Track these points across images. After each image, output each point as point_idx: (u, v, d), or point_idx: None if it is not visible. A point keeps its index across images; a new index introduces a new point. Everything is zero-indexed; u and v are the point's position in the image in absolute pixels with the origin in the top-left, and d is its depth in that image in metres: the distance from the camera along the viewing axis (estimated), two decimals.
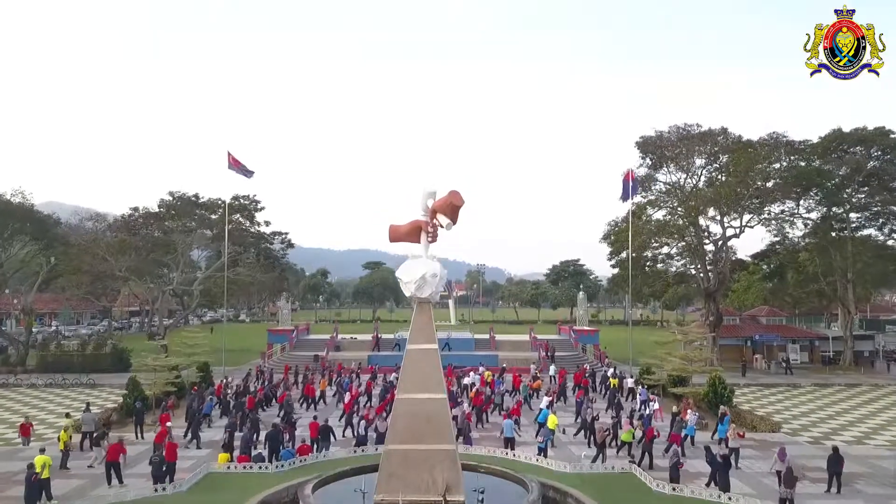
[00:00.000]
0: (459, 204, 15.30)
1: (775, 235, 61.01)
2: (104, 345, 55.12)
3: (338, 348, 57.94)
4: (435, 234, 16.01)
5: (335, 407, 37.57)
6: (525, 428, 31.94)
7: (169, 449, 23.90)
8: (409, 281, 15.77)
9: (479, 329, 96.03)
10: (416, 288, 15.82)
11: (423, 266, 15.60)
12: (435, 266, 15.69)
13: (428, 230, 15.94)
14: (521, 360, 54.99)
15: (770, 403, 41.64)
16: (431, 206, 15.56)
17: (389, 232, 15.99)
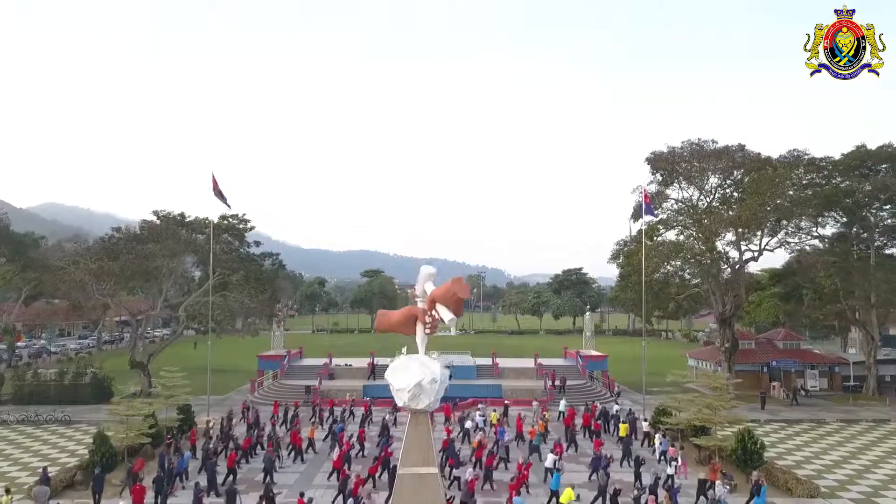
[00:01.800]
0: (464, 296, 12.26)
1: (792, 254, 57.85)
2: (84, 374, 51.86)
3: (331, 376, 54.73)
4: (434, 326, 12.95)
5: (326, 456, 34.39)
6: (535, 489, 28.82)
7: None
8: (402, 388, 12.64)
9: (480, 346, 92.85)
10: (411, 398, 12.71)
11: (420, 370, 12.43)
12: (434, 368, 12.50)
13: (425, 321, 12.82)
14: (526, 390, 51.83)
15: (797, 448, 38.48)
16: (431, 293, 12.42)
17: (378, 320, 12.81)
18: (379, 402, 49.62)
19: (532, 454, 33.82)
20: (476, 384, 52.70)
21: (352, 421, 43.16)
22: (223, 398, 54.09)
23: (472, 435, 37.72)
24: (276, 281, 60.63)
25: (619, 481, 30.05)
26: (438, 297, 12.22)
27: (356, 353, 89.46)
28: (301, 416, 43.62)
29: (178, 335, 54.68)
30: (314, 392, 50.03)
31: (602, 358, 57.93)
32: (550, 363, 58.17)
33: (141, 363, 52.95)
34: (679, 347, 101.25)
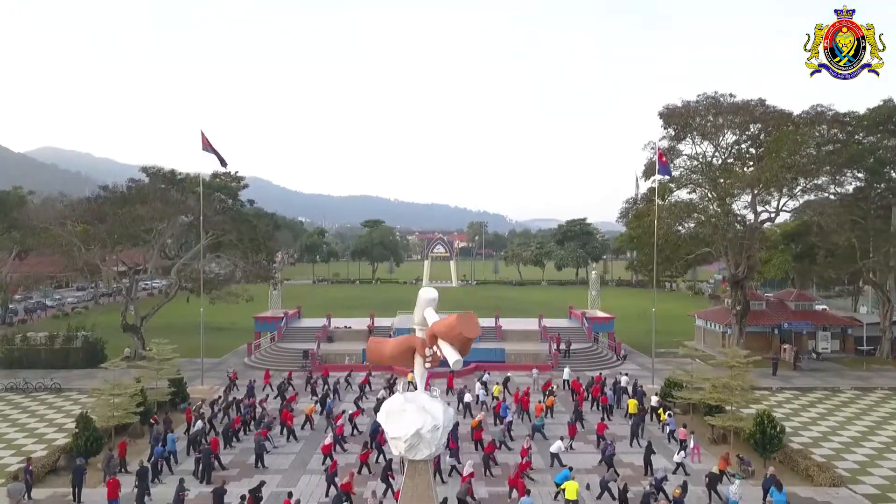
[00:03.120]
0: (472, 336, 10.19)
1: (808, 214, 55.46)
2: (74, 338, 50.32)
3: (330, 339, 53.21)
4: (435, 361, 10.94)
5: (323, 431, 32.95)
6: (540, 474, 27.34)
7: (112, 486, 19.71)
8: (398, 437, 10.66)
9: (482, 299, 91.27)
10: (408, 448, 10.74)
11: (418, 416, 10.40)
12: (436, 412, 10.44)
13: (425, 355, 10.78)
14: (530, 354, 50.34)
15: (812, 421, 36.99)
16: (432, 327, 10.33)
17: (369, 351, 10.75)
18: (378, 368, 48.33)
19: (535, 434, 32.39)
20: (478, 347, 50.98)
21: (349, 390, 41.76)
22: (219, 361, 52.69)
23: (472, 409, 36.22)
24: (271, 242, 58.41)
25: (630, 465, 28.77)
26: (441, 333, 10.11)
27: (356, 308, 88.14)
28: (296, 384, 42.25)
29: (171, 297, 52.88)
30: (312, 357, 48.55)
31: (608, 320, 56.28)
32: (555, 325, 56.57)
33: (133, 326, 51.38)
34: (684, 301, 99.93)
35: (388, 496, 24.79)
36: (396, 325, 54.58)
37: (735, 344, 52.82)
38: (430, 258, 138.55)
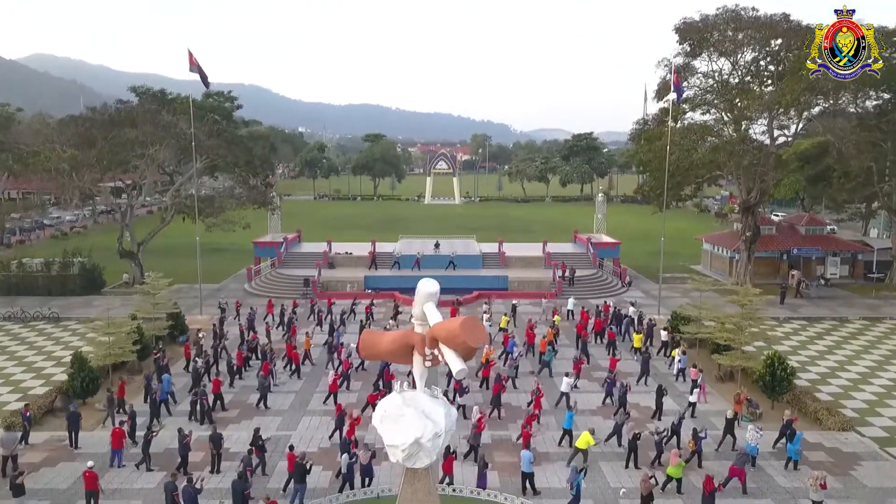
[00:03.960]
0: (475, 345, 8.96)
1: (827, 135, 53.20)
2: (71, 264, 49.49)
3: (331, 265, 52.34)
4: (435, 362, 9.79)
5: (324, 369, 32.47)
6: (546, 417, 26.88)
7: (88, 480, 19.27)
8: (397, 446, 9.62)
9: (485, 219, 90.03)
10: (407, 457, 9.72)
11: (418, 422, 9.30)
12: (437, 416, 9.32)
13: (424, 354, 9.62)
14: (534, 282, 49.55)
15: (819, 356, 36.44)
16: (433, 328, 9.09)
17: (362, 345, 9.56)
18: (382, 293, 47.74)
19: (542, 370, 31.87)
20: (481, 275, 50.39)
21: (352, 321, 41.21)
22: (217, 288, 52.12)
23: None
24: (267, 165, 56.48)
25: (636, 405, 28.30)
26: (443, 338, 8.87)
27: (357, 228, 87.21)
28: (299, 313, 41.70)
29: (167, 222, 51.68)
30: (313, 285, 47.84)
31: (614, 245, 55.18)
32: (559, 250, 55.52)
33: (130, 252, 50.45)
34: (690, 219, 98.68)
35: None
36: (398, 252, 53.58)
37: (743, 270, 52.03)
38: (432, 174, 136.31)
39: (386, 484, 20.98)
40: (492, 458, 23.19)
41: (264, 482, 21.63)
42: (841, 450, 24.40)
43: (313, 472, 22.13)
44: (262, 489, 21.10)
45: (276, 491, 20.96)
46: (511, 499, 19.56)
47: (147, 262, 53.77)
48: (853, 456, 23.87)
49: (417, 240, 60.60)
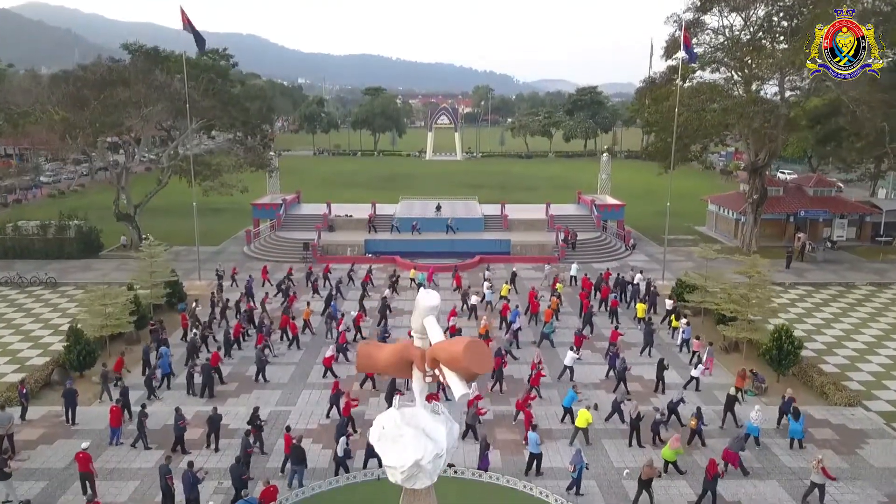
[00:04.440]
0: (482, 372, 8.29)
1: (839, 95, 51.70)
2: (68, 227, 48.79)
3: (331, 228, 51.61)
4: (435, 378, 9.17)
5: (324, 338, 32.09)
6: (547, 390, 26.54)
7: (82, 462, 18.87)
8: (395, 468, 9.05)
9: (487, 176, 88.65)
10: (406, 479, 9.17)
11: (417, 442, 8.69)
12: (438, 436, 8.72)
13: (424, 370, 8.98)
14: (536, 245, 48.87)
15: (825, 324, 35.96)
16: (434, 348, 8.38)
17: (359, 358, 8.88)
18: (382, 258, 47.17)
19: (542, 341, 31.44)
20: (484, 238, 49.68)
21: (351, 286, 40.71)
22: (216, 250, 51.49)
23: (477, 311, 35.19)
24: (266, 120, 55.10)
25: (640, 378, 27.94)
26: (444, 360, 8.12)
27: (357, 186, 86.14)
28: (297, 278, 41.17)
29: (164, 184, 50.77)
30: (313, 249, 47.20)
31: (618, 207, 54.28)
32: (562, 212, 54.65)
33: (127, 215, 49.71)
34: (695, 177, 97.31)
35: None
36: (398, 215, 52.75)
37: (749, 233, 51.28)
38: (433, 130, 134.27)
39: None
40: (493, 436, 22.93)
41: (263, 461, 21.39)
42: (847, 426, 24.07)
43: (313, 451, 21.90)
44: (262, 469, 20.88)
45: (275, 470, 20.72)
46: (514, 481, 19.28)
47: (145, 223, 53.11)
48: (860, 433, 23.55)
49: (418, 201, 59.72)
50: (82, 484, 19.15)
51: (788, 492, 19.86)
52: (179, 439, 21.68)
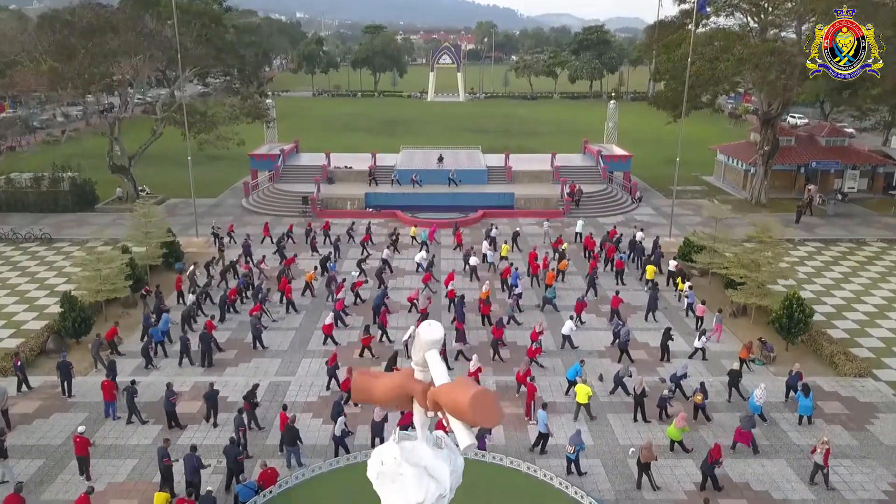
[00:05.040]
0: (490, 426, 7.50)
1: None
2: (61, 179, 47.70)
3: (330, 181, 50.45)
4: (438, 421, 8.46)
5: (325, 301, 31.49)
6: (550, 358, 26.04)
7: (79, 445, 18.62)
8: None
9: (491, 121, 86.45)
10: None
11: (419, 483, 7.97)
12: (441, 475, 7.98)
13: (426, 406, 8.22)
14: (541, 199, 47.82)
15: (835, 284, 35.23)
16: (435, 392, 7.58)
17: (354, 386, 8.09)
18: (383, 212, 46.28)
19: (545, 305, 30.82)
20: (487, 192, 48.58)
21: (352, 244, 39.91)
22: (214, 203, 50.52)
23: (478, 272, 34.43)
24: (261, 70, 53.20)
25: (645, 346, 27.40)
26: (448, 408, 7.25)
27: (357, 130, 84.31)
28: (296, 234, 40.38)
29: (158, 135, 49.39)
30: (312, 203, 46.22)
31: (625, 158, 52.89)
32: (568, 163, 53.32)
33: (122, 167, 48.55)
34: (703, 120, 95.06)
35: None
36: (399, 166, 51.48)
37: (759, 185, 50.11)
38: (435, 69, 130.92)
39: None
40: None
41: (262, 439, 21.04)
42: (857, 399, 23.65)
43: (312, 427, 21.60)
44: (261, 446, 20.59)
45: (274, 448, 20.40)
46: (517, 463, 18.93)
47: (140, 172, 52.00)
48: (869, 407, 23.14)
49: (420, 150, 58.30)
50: (80, 465, 18.88)
51: (796, 471, 19.54)
52: (171, 415, 21.31)
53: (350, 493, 17.98)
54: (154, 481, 18.61)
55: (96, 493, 18.21)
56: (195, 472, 17.82)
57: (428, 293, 30.41)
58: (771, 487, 18.79)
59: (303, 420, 21.75)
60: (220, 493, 18.21)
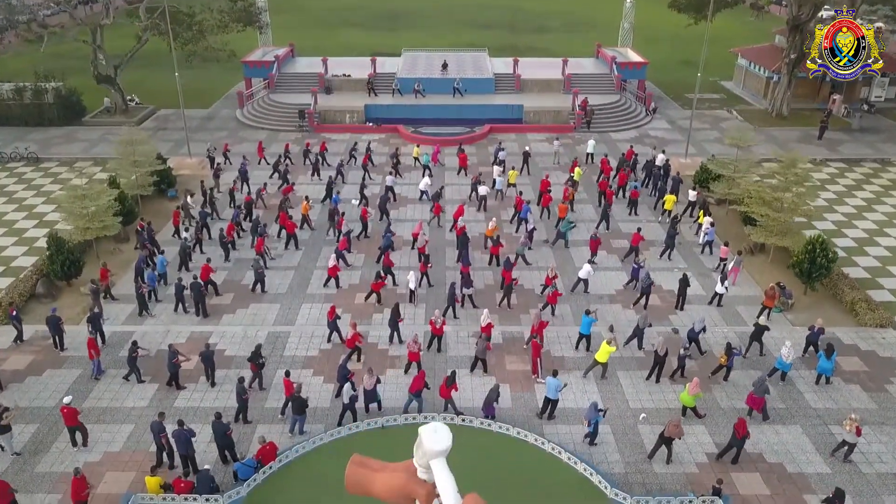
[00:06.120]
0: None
1: None
2: (45, 91, 45.11)
3: (328, 90, 47.67)
4: None
5: (324, 236, 30.19)
6: (561, 306, 24.99)
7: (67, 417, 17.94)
8: None
9: (496, 17, 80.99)
10: None
11: None
12: None
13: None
14: (551, 112, 45.33)
15: (857, 213, 33.63)
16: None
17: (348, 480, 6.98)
18: (383, 126, 44.10)
19: (557, 241, 29.49)
20: (494, 104, 45.97)
21: (352, 166, 38.06)
22: (208, 115, 48.13)
23: (485, 203, 32.81)
24: None
25: (660, 290, 26.27)
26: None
27: (355, 25, 79.57)
28: (294, 153, 38.54)
29: (143, 42, 46.23)
30: (309, 117, 43.87)
31: (640, 65, 49.68)
32: (580, 70, 50.16)
33: (108, 77, 45.84)
34: (721, 17, 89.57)
35: (394, 342, 22.87)
36: (400, 74, 48.48)
37: (781, 96, 47.39)
38: None
39: (389, 403, 19.78)
40: (503, 367, 21.80)
41: (261, 400, 20.37)
42: (878, 354, 22.77)
43: (313, 386, 20.91)
44: (260, 410, 19.97)
45: (275, 412, 19.77)
46: (525, 434, 18.32)
47: (128, 78, 49.30)
48: (890, 363, 22.30)
49: (422, 53, 54.93)
50: (71, 436, 18.29)
51: (812, 440, 18.93)
52: (174, 376, 20.59)
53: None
54: (151, 450, 18.05)
55: (92, 464, 17.86)
56: (187, 444, 17.20)
57: (425, 235, 28.70)
58: (785, 459, 18.21)
59: (303, 377, 21.07)
60: (217, 465, 17.76)
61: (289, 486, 16.98)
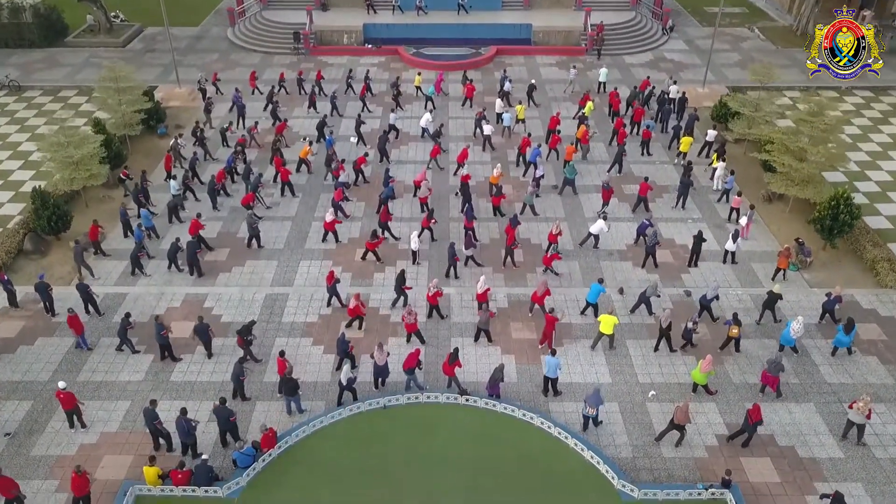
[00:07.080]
0: None
1: None
2: (22, 9, 42.30)
3: (324, 7, 44.59)
4: None
5: (323, 181, 28.83)
6: (567, 263, 24.02)
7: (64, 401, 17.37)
8: None
9: None
10: None
11: None
12: None
13: None
14: (561, 33, 42.56)
15: (882, 151, 31.93)
16: None
17: None
18: (383, 49, 41.63)
19: (565, 187, 28.05)
20: (500, 23, 43.10)
21: (349, 96, 36.05)
22: (197, 34, 45.38)
23: (490, 142, 31.11)
24: None
25: (670, 245, 25.14)
26: None
27: None
28: (288, 81, 36.50)
29: None
30: (305, 40, 41.28)
31: None
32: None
33: None
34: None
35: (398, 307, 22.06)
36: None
37: (808, 12, 44.34)
38: None
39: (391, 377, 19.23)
40: (508, 336, 21.07)
41: (260, 374, 19.77)
42: (893, 316, 21.89)
43: (313, 357, 20.31)
44: (258, 384, 19.44)
45: (272, 388, 19.19)
46: (531, 416, 17.82)
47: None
48: None
49: None
50: (69, 419, 17.83)
51: (825, 419, 18.35)
52: (165, 347, 19.94)
53: (354, 446, 17.22)
54: (147, 432, 17.60)
55: (89, 447, 17.50)
56: (189, 434, 16.79)
57: (429, 183, 27.26)
58: (797, 442, 17.72)
59: (302, 347, 20.49)
60: (217, 447, 17.41)
61: (290, 472, 16.64)
